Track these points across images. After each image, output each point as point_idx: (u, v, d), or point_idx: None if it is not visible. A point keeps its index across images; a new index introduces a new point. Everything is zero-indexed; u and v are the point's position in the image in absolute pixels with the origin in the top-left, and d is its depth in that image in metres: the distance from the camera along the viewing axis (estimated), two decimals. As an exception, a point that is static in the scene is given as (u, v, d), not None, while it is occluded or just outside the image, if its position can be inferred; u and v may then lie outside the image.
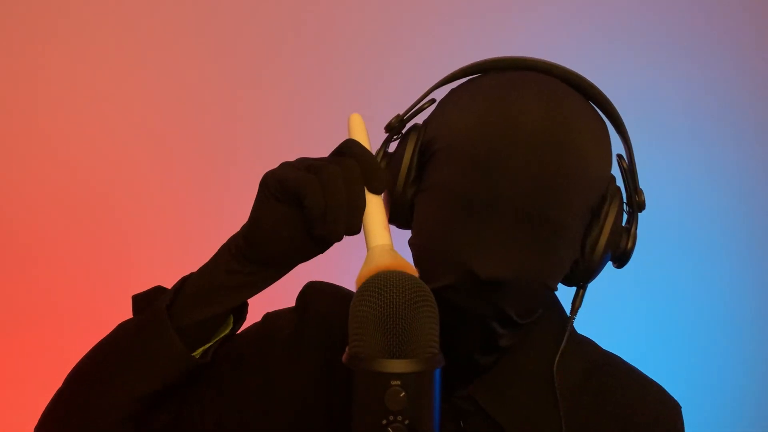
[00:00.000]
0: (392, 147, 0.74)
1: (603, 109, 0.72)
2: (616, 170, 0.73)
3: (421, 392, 0.56)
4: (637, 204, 0.72)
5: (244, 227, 0.64)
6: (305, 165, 0.60)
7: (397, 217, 0.73)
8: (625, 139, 0.73)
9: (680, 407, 0.75)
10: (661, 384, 0.77)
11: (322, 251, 0.63)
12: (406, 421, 0.55)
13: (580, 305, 0.74)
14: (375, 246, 0.61)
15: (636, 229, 0.72)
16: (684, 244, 1.60)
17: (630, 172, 0.73)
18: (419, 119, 0.74)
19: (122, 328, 0.69)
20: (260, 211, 0.61)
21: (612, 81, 1.55)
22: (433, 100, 0.74)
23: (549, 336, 0.75)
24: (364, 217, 0.61)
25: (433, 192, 0.69)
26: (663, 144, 1.58)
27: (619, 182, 0.73)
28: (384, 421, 0.55)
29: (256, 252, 0.62)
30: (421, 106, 0.74)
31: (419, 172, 0.71)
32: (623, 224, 0.72)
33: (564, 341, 0.72)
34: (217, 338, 0.67)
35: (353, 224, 0.60)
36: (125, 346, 0.66)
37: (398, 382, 0.55)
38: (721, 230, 1.61)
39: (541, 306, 0.73)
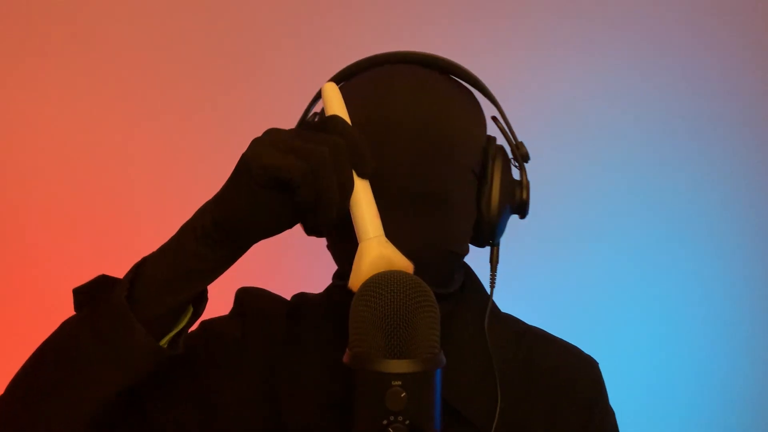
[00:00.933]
0: None
1: (468, 81, 0.77)
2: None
3: (421, 392, 0.56)
4: (521, 156, 0.77)
5: (211, 209, 0.61)
6: (288, 146, 0.57)
7: (312, 230, 0.74)
8: (493, 101, 0.78)
9: (598, 363, 0.82)
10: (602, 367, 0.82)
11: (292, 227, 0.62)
12: (407, 422, 0.55)
13: (497, 261, 0.78)
14: (371, 238, 0.61)
15: (527, 178, 0.77)
16: (687, 244, 1.60)
17: (507, 129, 0.78)
18: None
19: (72, 326, 0.64)
20: (238, 196, 0.58)
21: (616, 80, 1.56)
22: (316, 114, 0.76)
23: (472, 308, 0.78)
24: (351, 203, 0.60)
25: None
26: (664, 144, 1.58)
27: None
28: (384, 422, 0.55)
29: (228, 236, 0.60)
30: (306, 121, 0.77)
31: None
32: (514, 178, 0.77)
33: (489, 307, 0.77)
34: (180, 326, 0.65)
35: (343, 211, 0.60)
36: (83, 345, 0.61)
37: (399, 383, 0.55)
38: (722, 230, 1.61)
39: (458, 271, 0.79)
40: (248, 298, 0.82)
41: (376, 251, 0.61)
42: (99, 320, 0.61)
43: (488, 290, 0.79)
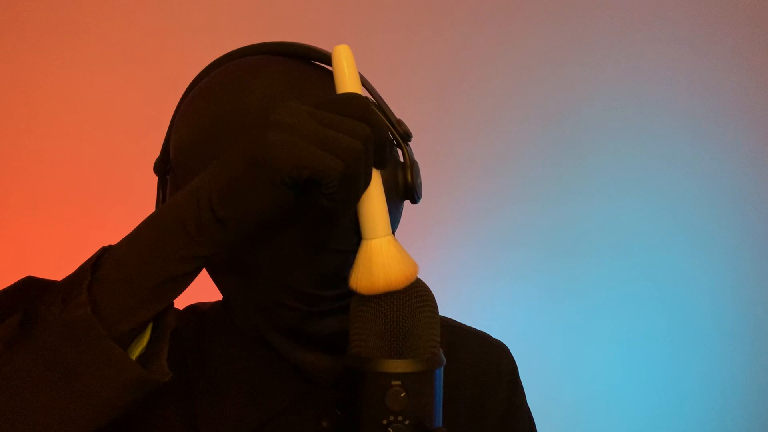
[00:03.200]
0: None
1: (324, 61, 0.67)
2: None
3: (422, 392, 0.56)
4: (402, 136, 0.65)
5: (212, 201, 0.51)
6: (319, 138, 0.50)
7: None
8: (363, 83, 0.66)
9: (507, 347, 0.82)
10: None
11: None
12: (407, 421, 0.55)
13: None
14: (383, 237, 0.56)
15: (411, 158, 0.65)
16: (690, 245, 1.60)
17: (381, 111, 0.65)
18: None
19: (15, 356, 0.48)
20: (256, 192, 0.50)
21: (622, 80, 1.56)
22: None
23: None
24: (363, 197, 0.56)
25: None
26: (665, 144, 1.58)
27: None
28: (385, 421, 0.55)
29: (231, 234, 0.52)
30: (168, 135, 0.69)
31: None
32: (398, 160, 0.67)
33: None
34: (141, 346, 0.53)
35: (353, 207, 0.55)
36: (36, 371, 0.47)
37: (399, 383, 0.55)
38: (724, 231, 1.61)
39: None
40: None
41: (388, 252, 0.57)
42: (54, 345, 0.47)
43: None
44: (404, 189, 0.65)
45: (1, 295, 0.52)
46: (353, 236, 0.59)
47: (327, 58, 0.65)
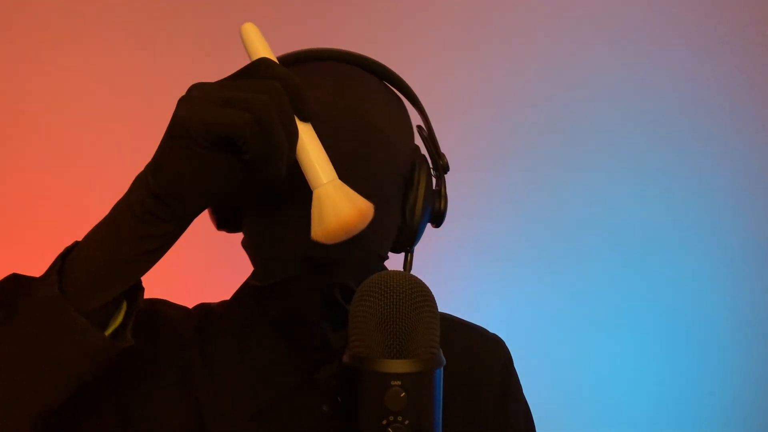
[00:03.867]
0: None
1: (397, 87, 0.75)
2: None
3: (421, 392, 0.56)
4: (442, 167, 0.77)
5: (148, 182, 0.54)
6: (224, 99, 0.51)
7: (225, 222, 0.72)
8: (420, 111, 0.77)
9: (503, 340, 0.85)
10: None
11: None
12: (407, 422, 0.55)
13: (410, 268, 0.77)
14: (327, 183, 0.56)
15: (445, 190, 0.77)
16: (687, 246, 1.60)
17: (430, 140, 0.76)
18: None
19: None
20: (180, 162, 0.52)
21: (613, 80, 1.56)
22: None
23: None
24: (298, 150, 0.55)
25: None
26: (663, 144, 1.58)
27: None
28: (384, 422, 0.55)
29: (172, 209, 0.54)
30: None
31: None
32: (434, 187, 0.77)
33: None
34: (116, 323, 0.58)
35: (292, 160, 0.55)
36: (15, 349, 0.54)
37: (398, 383, 0.55)
38: (724, 231, 1.61)
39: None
40: (156, 309, 0.77)
41: (335, 195, 0.56)
42: (27, 322, 0.54)
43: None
44: (435, 215, 0.76)
45: None
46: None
47: (397, 80, 0.74)
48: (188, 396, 0.72)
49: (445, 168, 0.77)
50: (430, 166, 0.76)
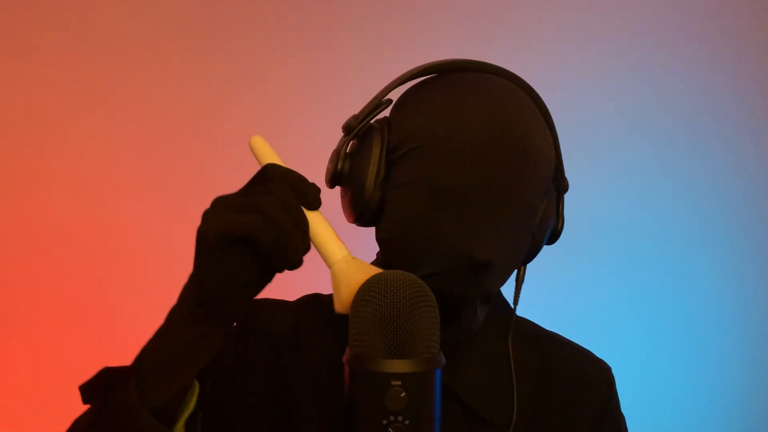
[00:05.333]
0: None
1: (535, 103, 0.77)
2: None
3: (421, 392, 0.56)
4: (563, 187, 0.79)
5: (191, 291, 0.61)
6: (237, 206, 0.58)
7: (363, 215, 0.73)
8: (552, 131, 0.78)
9: (610, 368, 0.84)
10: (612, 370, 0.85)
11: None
12: (407, 421, 0.55)
13: (522, 281, 0.81)
14: (338, 260, 0.61)
15: (563, 210, 0.79)
16: (687, 246, 1.60)
17: (558, 161, 0.78)
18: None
19: (84, 427, 0.62)
20: (209, 270, 0.58)
21: (611, 81, 1.56)
22: (390, 101, 0.75)
23: (497, 318, 0.81)
24: (311, 236, 0.61)
25: (410, 188, 0.70)
26: (660, 145, 1.59)
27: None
28: (384, 421, 0.55)
29: (215, 311, 0.60)
30: (379, 107, 0.75)
31: (387, 171, 0.72)
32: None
33: (513, 320, 0.80)
34: (190, 407, 0.64)
35: (306, 245, 0.60)
36: None
37: (399, 383, 0.55)
38: (724, 231, 1.62)
39: None
40: (250, 313, 0.81)
41: (347, 269, 0.61)
42: (111, 421, 0.60)
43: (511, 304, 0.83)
44: (552, 234, 0.78)
45: (88, 384, 0.63)
46: None
47: (536, 96, 0.76)
48: (277, 398, 0.76)
49: (565, 188, 0.79)
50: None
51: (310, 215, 0.60)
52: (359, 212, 0.73)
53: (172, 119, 1.48)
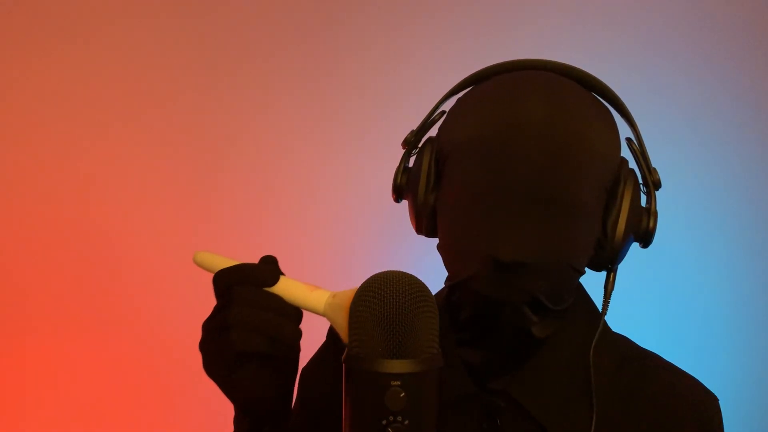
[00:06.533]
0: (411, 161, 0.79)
1: (605, 97, 0.75)
2: (627, 155, 0.75)
3: (421, 392, 0.56)
4: (652, 183, 0.74)
5: (235, 408, 0.66)
6: (212, 336, 0.60)
7: (423, 226, 0.76)
8: (630, 122, 0.76)
9: (717, 399, 0.76)
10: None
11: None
12: (406, 421, 0.55)
13: (612, 288, 0.74)
14: (323, 308, 0.62)
15: (655, 207, 0.73)
16: (692, 243, 1.60)
17: (641, 153, 0.75)
18: (433, 132, 0.78)
19: None
20: (233, 390, 0.62)
21: (618, 79, 1.56)
22: (443, 112, 0.77)
23: (581, 329, 0.76)
24: (291, 300, 0.61)
25: (450, 192, 0.72)
26: (667, 143, 1.59)
27: (633, 165, 0.75)
28: (384, 422, 0.55)
29: (264, 419, 0.64)
30: (433, 119, 0.78)
31: (437, 180, 0.74)
32: (642, 205, 0.74)
33: (598, 331, 0.73)
34: None
35: (297, 317, 0.61)
36: None
37: (398, 383, 0.55)
38: (722, 231, 1.62)
39: (571, 291, 0.75)
40: (300, 391, 0.86)
41: (335, 313, 0.61)
42: None
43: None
44: (644, 233, 0.73)
45: None
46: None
47: (607, 91, 0.75)
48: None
49: (657, 184, 0.74)
50: (640, 181, 0.74)
51: (277, 289, 0.61)
52: (417, 221, 0.75)
53: (176, 120, 1.48)
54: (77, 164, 1.49)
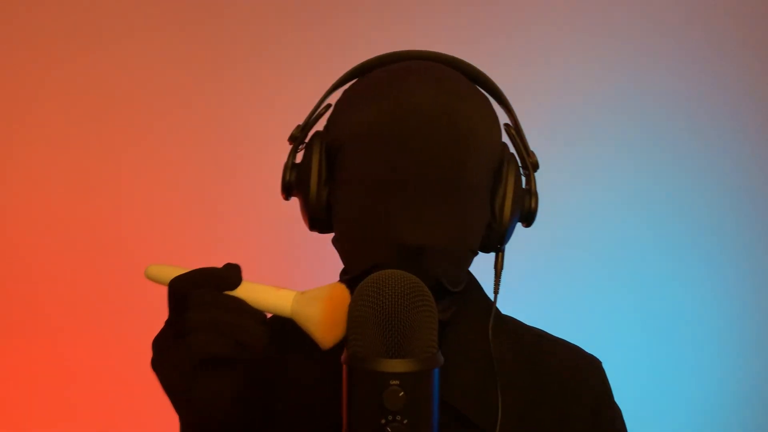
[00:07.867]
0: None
1: (483, 86, 0.78)
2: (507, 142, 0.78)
3: (420, 392, 0.56)
4: (531, 165, 0.77)
5: (187, 424, 0.62)
6: (168, 339, 0.58)
7: (317, 222, 0.75)
8: (508, 108, 0.78)
9: (601, 362, 0.82)
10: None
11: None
12: (405, 421, 0.55)
13: (502, 267, 0.78)
14: (290, 307, 0.60)
15: (536, 188, 0.77)
16: (682, 243, 1.60)
17: (519, 137, 0.78)
18: (320, 126, 0.78)
19: None
20: (191, 406, 0.59)
21: (613, 80, 1.56)
22: (329, 105, 0.77)
23: (476, 310, 0.79)
24: (255, 303, 0.59)
25: (345, 185, 0.71)
26: (659, 143, 1.59)
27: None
28: (383, 421, 0.55)
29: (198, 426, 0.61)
30: (318, 113, 0.77)
31: (329, 174, 0.74)
32: (524, 186, 0.77)
33: (493, 310, 0.76)
34: None
35: (259, 315, 0.59)
36: None
37: (397, 382, 0.55)
38: (720, 231, 1.62)
39: (466, 274, 0.77)
40: None
41: (303, 311, 0.60)
42: None
43: (490, 295, 0.80)
44: (527, 213, 0.76)
45: None
46: None
47: (485, 80, 0.77)
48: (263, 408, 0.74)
49: (535, 166, 0.77)
50: (519, 164, 0.77)
51: (240, 292, 0.59)
52: (310, 217, 0.74)
53: (180, 119, 1.48)
54: (83, 164, 1.49)
